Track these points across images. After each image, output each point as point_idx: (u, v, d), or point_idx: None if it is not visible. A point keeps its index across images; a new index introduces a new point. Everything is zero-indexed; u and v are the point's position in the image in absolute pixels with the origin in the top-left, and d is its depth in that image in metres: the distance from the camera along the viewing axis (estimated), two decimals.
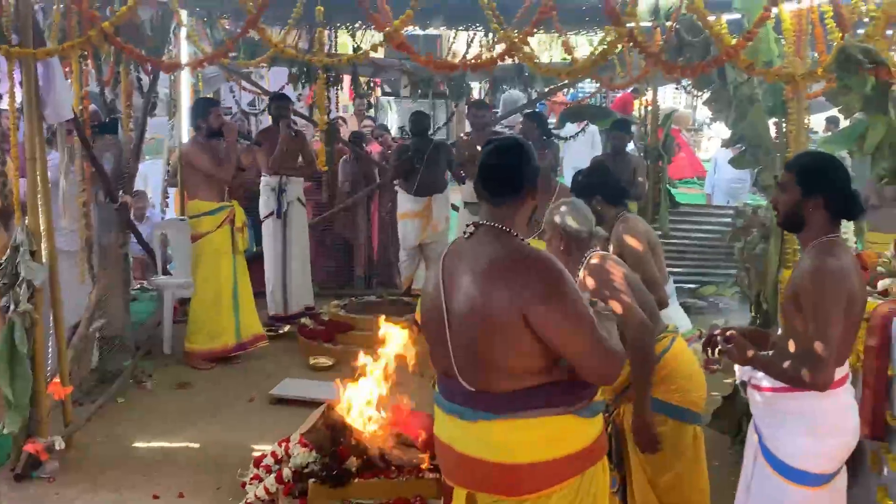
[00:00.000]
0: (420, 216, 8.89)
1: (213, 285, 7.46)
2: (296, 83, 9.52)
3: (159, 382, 7.03)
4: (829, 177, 3.25)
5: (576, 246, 3.87)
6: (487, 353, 2.76)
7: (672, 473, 3.80)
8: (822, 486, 3.27)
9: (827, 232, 3.26)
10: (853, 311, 3.19)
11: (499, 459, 2.80)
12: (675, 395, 3.78)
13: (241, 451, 5.57)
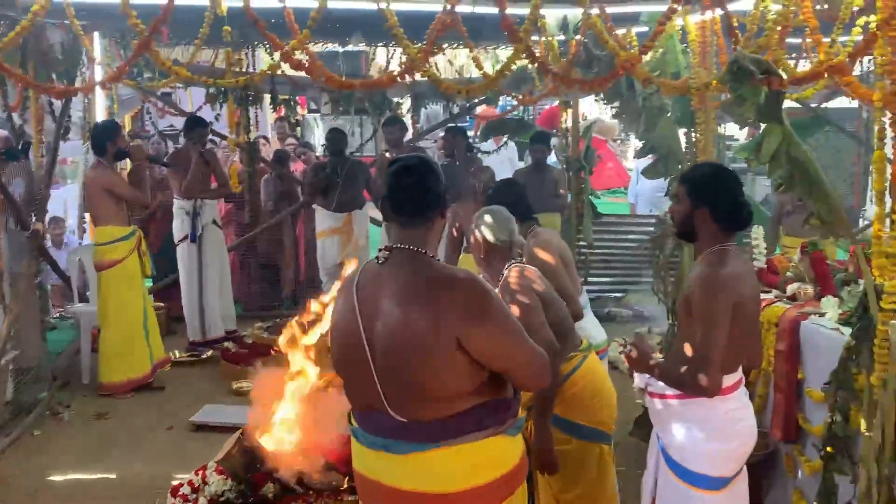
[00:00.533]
0: (340, 233, 8.83)
1: (129, 314, 7.29)
2: (213, 103, 9.42)
3: (77, 413, 6.86)
4: (716, 189, 3.33)
5: (497, 255, 3.85)
6: (419, 381, 2.66)
7: (576, 492, 3.79)
8: (721, 489, 3.33)
9: (719, 241, 3.32)
10: (742, 318, 3.25)
11: (438, 490, 2.72)
12: (582, 414, 3.78)
13: (160, 480, 5.43)
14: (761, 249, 5.55)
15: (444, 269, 2.75)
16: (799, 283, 5.01)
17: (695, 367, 3.18)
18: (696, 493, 3.30)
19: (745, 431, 3.39)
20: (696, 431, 3.30)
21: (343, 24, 7.19)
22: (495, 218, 3.88)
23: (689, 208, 3.34)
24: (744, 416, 3.39)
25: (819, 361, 4.36)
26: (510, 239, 3.87)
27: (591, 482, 3.80)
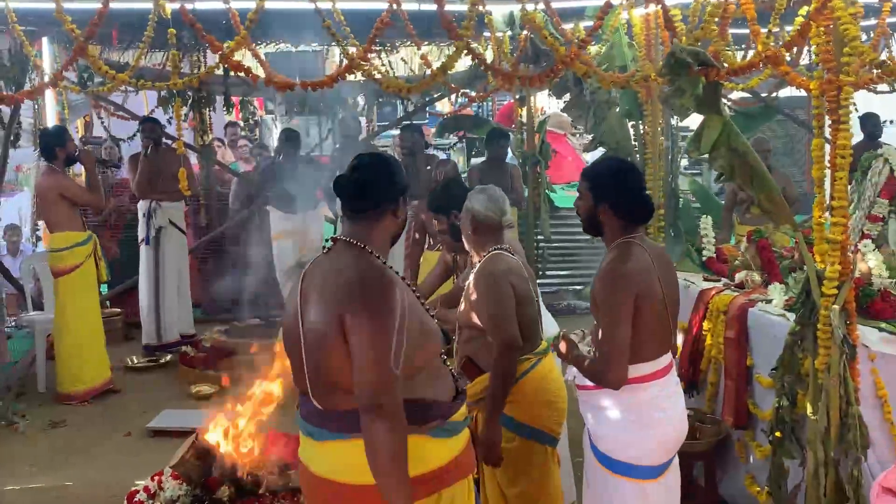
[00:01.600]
0: (295, 234, 8.80)
1: (87, 320, 7.24)
2: (165, 106, 9.35)
3: (32, 422, 6.78)
4: (614, 184, 3.40)
5: (486, 233, 3.86)
6: (327, 370, 2.71)
7: (520, 488, 3.81)
8: (651, 479, 3.34)
9: (623, 234, 3.38)
10: (650, 308, 3.29)
11: (348, 480, 2.74)
12: (529, 416, 3.80)
13: (117, 487, 5.38)
14: (710, 239, 5.61)
15: (359, 262, 2.75)
16: (746, 271, 5.09)
17: (600, 360, 3.27)
18: (623, 482, 3.33)
19: (667, 420, 3.38)
20: (617, 420, 3.34)
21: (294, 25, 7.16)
22: (489, 195, 3.89)
23: (592, 203, 3.41)
24: (667, 405, 3.39)
25: (767, 348, 4.42)
26: (500, 219, 3.89)
27: (534, 480, 3.81)
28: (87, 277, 7.25)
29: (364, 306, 2.64)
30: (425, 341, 2.80)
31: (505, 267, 3.79)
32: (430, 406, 2.78)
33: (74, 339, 7.23)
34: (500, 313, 3.70)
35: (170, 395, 7.33)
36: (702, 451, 4.93)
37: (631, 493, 3.33)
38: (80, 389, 7.21)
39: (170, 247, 8.46)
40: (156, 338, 8.40)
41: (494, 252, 3.83)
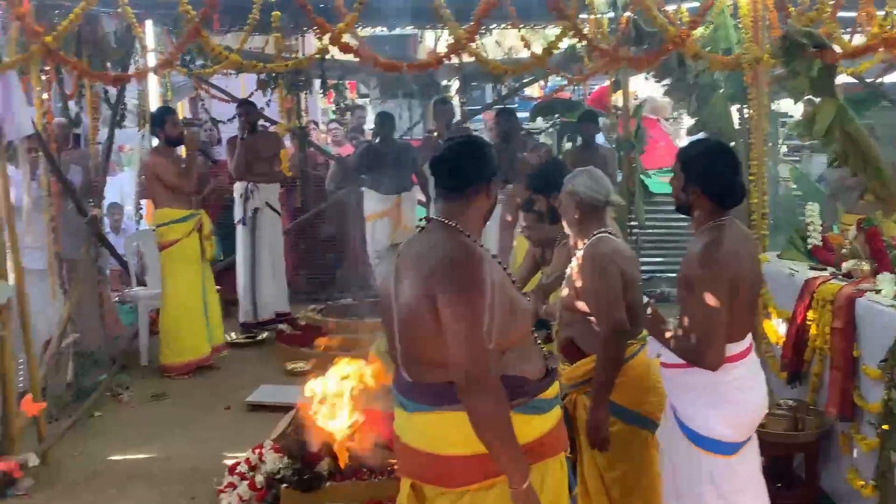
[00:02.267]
0: (390, 215, 8.89)
1: (184, 296, 7.44)
2: (264, 89, 9.51)
3: (136, 395, 7.00)
4: (706, 167, 3.40)
5: (591, 216, 3.84)
6: (418, 344, 2.81)
7: (619, 472, 3.79)
8: (732, 454, 3.40)
9: (713, 217, 3.39)
10: (741, 292, 3.34)
11: (434, 450, 2.82)
12: (631, 400, 3.77)
13: (217, 459, 5.55)
14: (816, 227, 5.46)
15: (452, 240, 2.82)
16: (855, 260, 4.93)
17: (699, 342, 3.29)
18: (710, 458, 3.38)
19: (753, 399, 3.46)
20: (705, 398, 3.38)
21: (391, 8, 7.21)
22: (593, 177, 3.88)
23: (683, 184, 3.42)
24: (752, 384, 3.46)
25: (875, 338, 4.29)
26: (606, 198, 3.87)
27: (634, 465, 3.79)
28: (186, 253, 7.45)
29: (455, 284, 2.71)
30: (516, 319, 2.84)
31: (611, 249, 3.76)
32: (520, 382, 2.81)
33: (173, 312, 7.47)
34: (607, 297, 3.68)
35: (267, 371, 7.49)
36: (804, 442, 4.83)
37: (717, 468, 3.38)
38: (177, 362, 7.43)
39: (265, 228, 8.64)
40: (252, 316, 8.60)
41: (600, 235, 3.80)
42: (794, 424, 4.88)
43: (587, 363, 3.79)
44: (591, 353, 3.80)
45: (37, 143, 6.22)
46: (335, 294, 9.62)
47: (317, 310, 8.38)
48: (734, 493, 3.40)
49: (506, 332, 2.77)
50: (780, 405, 4.91)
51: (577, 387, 3.84)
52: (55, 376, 6.36)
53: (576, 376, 3.81)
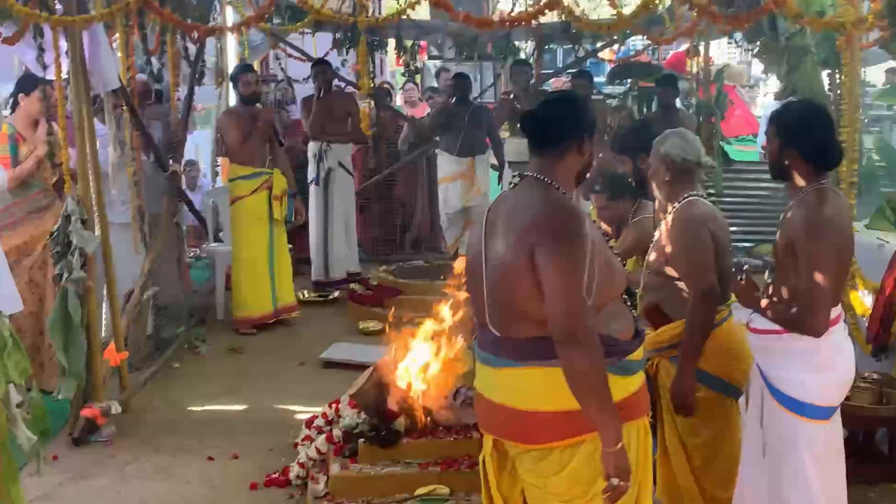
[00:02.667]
0: (463, 178, 8.86)
1: (248, 251, 7.51)
2: (340, 48, 9.52)
3: (213, 348, 7.13)
4: (803, 129, 3.33)
5: (683, 178, 3.77)
6: (507, 298, 2.80)
7: (702, 439, 3.75)
8: (827, 419, 3.39)
9: (812, 181, 3.33)
10: (843, 257, 3.33)
11: (519, 406, 2.82)
12: (718, 367, 3.71)
13: (293, 413, 5.65)
14: None
15: (549, 195, 2.81)
16: None
17: (805, 309, 3.24)
18: (805, 423, 3.35)
19: (847, 362, 3.43)
20: (803, 363, 3.35)
21: None
22: (685, 138, 3.82)
23: (779, 148, 3.35)
24: (845, 347, 3.43)
25: None
26: (699, 160, 3.80)
27: (717, 432, 3.75)
28: (252, 211, 7.49)
29: (555, 238, 2.70)
30: (611, 278, 2.84)
31: (703, 213, 3.69)
32: (608, 342, 2.78)
33: (240, 268, 7.58)
34: (698, 262, 3.62)
35: (339, 330, 7.56)
36: (888, 416, 4.72)
37: (812, 433, 3.36)
38: (242, 317, 7.54)
39: (338, 188, 8.69)
40: (324, 275, 8.67)
41: (691, 198, 3.73)
42: (879, 398, 4.78)
43: (672, 328, 3.75)
44: (677, 319, 3.75)
45: (121, 97, 6.30)
46: (406, 255, 9.66)
47: (388, 270, 8.40)
48: (827, 459, 3.38)
49: (602, 290, 2.76)
50: (865, 378, 4.80)
51: (661, 352, 3.80)
52: (136, 328, 6.49)
53: (660, 341, 3.76)
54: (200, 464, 5.10)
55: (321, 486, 4.48)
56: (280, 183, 7.61)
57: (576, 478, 2.78)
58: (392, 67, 14.85)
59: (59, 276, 5.25)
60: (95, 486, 4.84)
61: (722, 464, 3.75)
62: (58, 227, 5.28)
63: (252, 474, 4.91)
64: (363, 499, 4.38)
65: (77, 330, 5.19)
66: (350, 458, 4.58)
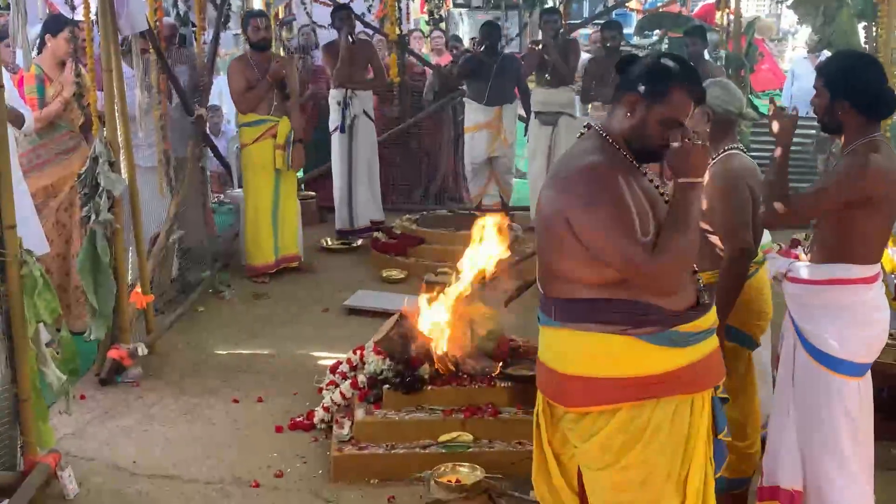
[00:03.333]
0: (490, 127, 8.80)
1: (252, 199, 7.46)
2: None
3: (237, 293, 7.17)
4: (852, 79, 3.28)
5: (721, 129, 3.71)
6: (546, 256, 2.81)
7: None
8: (860, 376, 3.38)
9: (864, 133, 3.28)
10: (886, 210, 3.29)
11: (556, 367, 2.81)
12: (740, 322, 3.71)
13: (317, 359, 5.69)
14: None
15: (587, 154, 2.75)
16: None
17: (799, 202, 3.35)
18: (836, 378, 3.35)
19: (885, 319, 3.42)
20: (842, 319, 3.33)
21: None
22: (724, 86, 3.78)
23: (829, 101, 3.29)
24: (882, 304, 3.41)
25: None
26: (740, 111, 3.77)
27: (735, 382, 3.71)
28: (256, 160, 7.39)
29: (582, 205, 2.65)
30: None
31: (741, 166, 3.65)
32: (646, 309, 2.69)
33: (247, 214, 7.53)
34: (735, 216, 3.58)
35: (362, 278, 7.59)
36: None
37: (845, 389, 3.35)
38: (250, 264, 7.52)
39: (362, 136, 8.62)
40: (348, 223, 8.66)
41: (731, 151, 3.69)
42: None
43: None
44: (704, 271, 3.72)
45: (149, 40, 6.27)
46: (429, 205, 9.64)
47: (412, 219, 8.40)
48: (860, 414, 3.38)
49: None
50: (894, 335, 4.78)
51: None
52: (161, 271, 6.54)
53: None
54: (225, 406, 5.16)
55: (346, 431, 4.52)
56: (284, 131, 7.42)
57: (607, 445, 2.74)
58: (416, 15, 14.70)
59: (86, 217, 5.27)
60: (122, 426, 4.91)
61: (737, 411, 3.75)
62: (85, 168, 5.29)
63: (277, 417, 4.97)
64: (387, 444, 4.42)
65: (107, 272, 5.22)
66: (374, 404, 4.62)
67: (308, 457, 4.58)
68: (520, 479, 4.19)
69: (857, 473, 3.40)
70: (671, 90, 2.68)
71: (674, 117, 2.69)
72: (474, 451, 4.36)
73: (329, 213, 9.03)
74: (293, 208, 7.68)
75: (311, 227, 8.69)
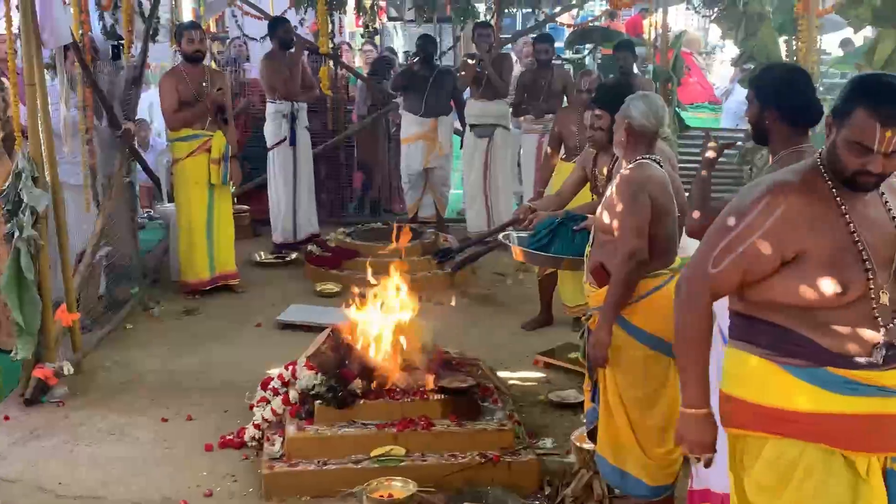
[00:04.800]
0: (426, 138, 8.86)
1: (185, 215, 7.34)
2: (297, 7, 9.38)
3: (167, 309, 7.06)
4: (780, 87, 3.32)
5: (638, 141, 3.79)
6: None
7: (637, 394, 3.79)
8: None
9: (792, 143, 3.30)
10: None
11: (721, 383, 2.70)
12: (659, 329, 3.76)
13: (249, 375, 5.60)
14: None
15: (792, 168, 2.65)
16: None
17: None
18: None
19: None
20: None
21: None
22: (649, 103, 3.82)
23: (759, 109, 3.34)
24: None
25: None
26: (656, 129, 3.83)
27: (653, 389, 3.80)
28: (189, 174, 7.29)
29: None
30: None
31: (646, 176, 3.72)
32: (798, 339, 2.49)
33: (178, 231, 7.44)
34: (630, 222, 3.67)
35: (296, 292, 7.53)
36: None
37: None
38: (184, 280, 7.42)
39: (303, 148, 8.63)
40: (292, 236, 8.61)
41: (642, 160, 3.77)
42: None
43: None
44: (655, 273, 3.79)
45: (74, 53, 6.16)
46: (364, 217, 9.63)
47: (347, 232, 8.37)
48: None
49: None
50: None
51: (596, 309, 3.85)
52: (88, 288, 6.41)
53: (602, 299, 3.81)
54: (154, 424, 5.07)
55: (277, 447, 4.48)
56: (219, 146, 7.31)
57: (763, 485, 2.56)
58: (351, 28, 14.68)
59: (10, 234, 5.16)
60: (47, 447, 4.80)
61: (657, 420, 3.80)
62: (8, 184, 5.18)
63: (207, 435, 4.90)
64: (319, 459, 4.38)
65: (32, 288, 5.13)
66: (306, 420, 4.57)
67: (238, 475, 4.52)
68: (452, 492, 4.21)
69: None
70: (855, 111, 2.39)
71: (860, 141, 2.39)
72: (407, 465, 4.34)
73: (263, 227, 8.96)
74: (228, 224, 7.59)
75: (244, 241, 8.59)
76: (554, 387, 5.58)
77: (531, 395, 5.49)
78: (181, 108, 7.22)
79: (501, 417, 4.67)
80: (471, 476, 4.33)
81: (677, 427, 2.68)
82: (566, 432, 4.73)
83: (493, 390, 4.95)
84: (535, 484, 4.39)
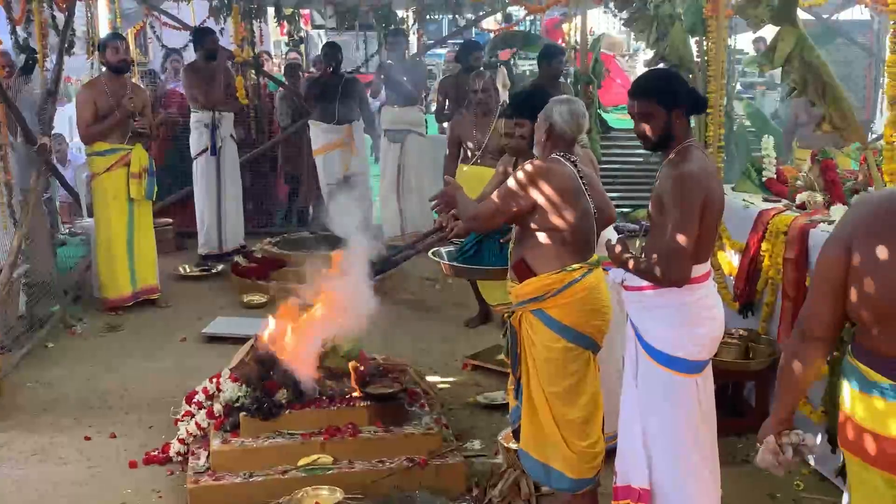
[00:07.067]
0: (342, 146, 8.89)
1: (104, 230, 7.22)
2: (217, 16, 9.31)
3: (89, 326, 6.94)
4: (678, 87, 3.47)
5: (555, 144, 3.86)
6: None
7: (558, 389, 3.83)
8: (697, 373, 3.51)
9: (684, 138, 3.44)
10: (710, 213, 3.41)
11: None
12: (576, 320, 3.81)
13: (174, 390, 5.52)
14: (770, 159, 5.54)
15: None
16: (808, 192, 5.02)
17: (666, 258, 3.35)
18: (674, 376, 3.49)
19: (716, 318, 3.56)
20: (672, 319, 3.47)
21: None
22: (572, 109, 3.88)
23: (667, 115, 3.40)
24: (713, 303, 3.57)
25: None
26: (574, 135, 3.88)
27: (574, 382, 3.84)
28: (107, 188, 7.17)
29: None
30: None
31: (546, 168, 3.79)
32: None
33: (97, 247, 7.32)
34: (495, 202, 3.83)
35: (222, 304, 7.47)
36: (755, 370, 4.95)
37: (682, 386, 3.49)
38: (105, 297, 7.30)
39: (229, 158, 8.57)
40: (217, 247, 8.53)
41: (553, 156, 3.83)
42: (746, 353, 5.00)
43: (535, 281, 3.80)
44: (540, 273, 3.83)
45: None
46: (291, 227, 9.57)
47: (273, 242, 8.32)
48: (699, 412, 3.51)
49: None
50: (732, 334, 5.01)
51: (525, 304, 3.87)
52: (6, 307, 6.26)
53: (524, 293, 3.84)
54: (78, 444, 4.98)
55: (202, 461, 4.43)
56: (140, 159, 7.21)
57: None
58: (276, 37, 14.61)
59: None
60: None
61: (579, 414, 3.85)
62: None
63: (132, 452, 4.83)
64: (245, 472, 4.34)
65: None
66: (232, 433, 4.53)
67: (164, 491, 4.46)
68: (380, 498, 4.21)
69: (699, 468, 3.53)
70: None
71: None
72: (335, 473, 4.33)
73: (188, 240, 8.85)
74: (149, 238, 7.48)
75: (169, 254, 8.48)
76: (482, 389, 5.63)
77: (460, 397, 5.53)
78: (100, 121, 7.09)
79: (429, 421, 4.68)
80: (399, 481, 4.33)
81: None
82: (494, 433, 4.77)
83: (420, 395, 4.97)
84: (462, 486, 4.42)
